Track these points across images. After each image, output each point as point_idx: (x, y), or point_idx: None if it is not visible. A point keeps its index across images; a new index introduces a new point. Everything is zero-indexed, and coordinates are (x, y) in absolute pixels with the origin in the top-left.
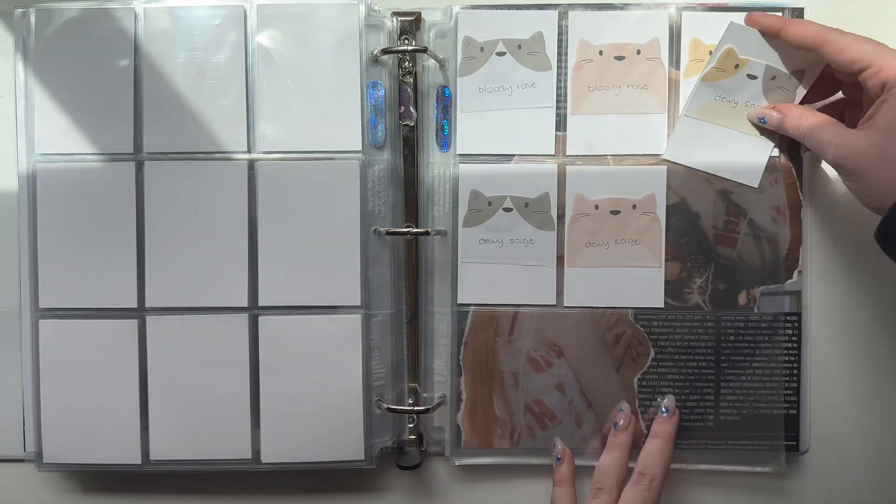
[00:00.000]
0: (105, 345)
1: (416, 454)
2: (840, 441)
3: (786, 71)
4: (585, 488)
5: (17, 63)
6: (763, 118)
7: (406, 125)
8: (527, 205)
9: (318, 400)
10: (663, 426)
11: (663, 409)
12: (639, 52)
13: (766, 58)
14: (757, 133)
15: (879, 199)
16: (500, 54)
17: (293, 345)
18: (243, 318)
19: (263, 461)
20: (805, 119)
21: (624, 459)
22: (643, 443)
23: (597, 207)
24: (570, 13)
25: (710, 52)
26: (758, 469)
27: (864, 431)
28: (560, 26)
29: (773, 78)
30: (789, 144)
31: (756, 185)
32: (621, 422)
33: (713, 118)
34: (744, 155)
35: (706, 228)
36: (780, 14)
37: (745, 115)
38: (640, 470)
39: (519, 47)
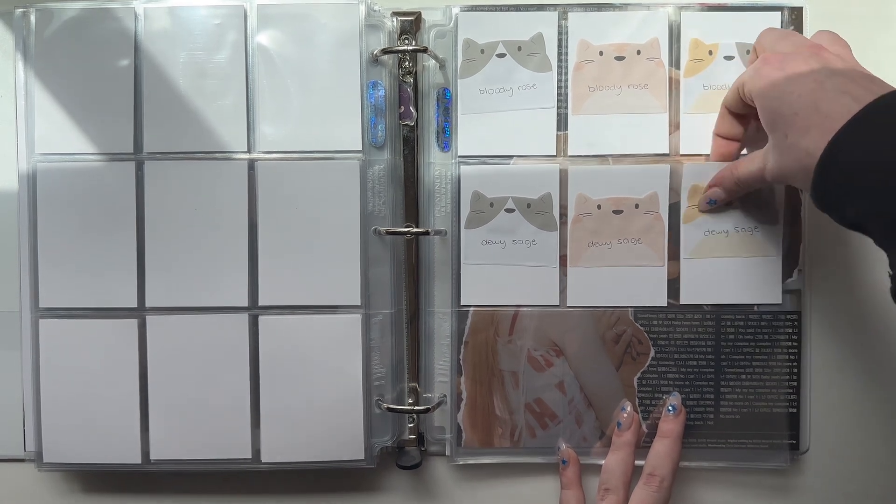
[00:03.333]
0: (105, 345)
1: (417, 454)
2: (840, 441)
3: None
4: (591, 488)
5: (17, 63)
6: (712, 200)
7: (406, 125)
8: (529, 205)
9: (318, 400)
10: (671, 425)
11: (670, 408)
12: (639, 52)
13: None
14: None
15: (803, 166)
16: (501, 56)
17: (293, 345)
18: (243, 318)
19: (263, 461)
20: (736, 169)
21: (630, 458)
22: (646, 444)
23: (599, 207)
24: (570, 14)
25: (710, 52)
26: (758, 468)
27: (864, 431)
28: (560, 27)
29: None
30: None
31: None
32: (624, 420)
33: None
34: None
35: None
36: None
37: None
38: (649, 471)
39: (519, 49)
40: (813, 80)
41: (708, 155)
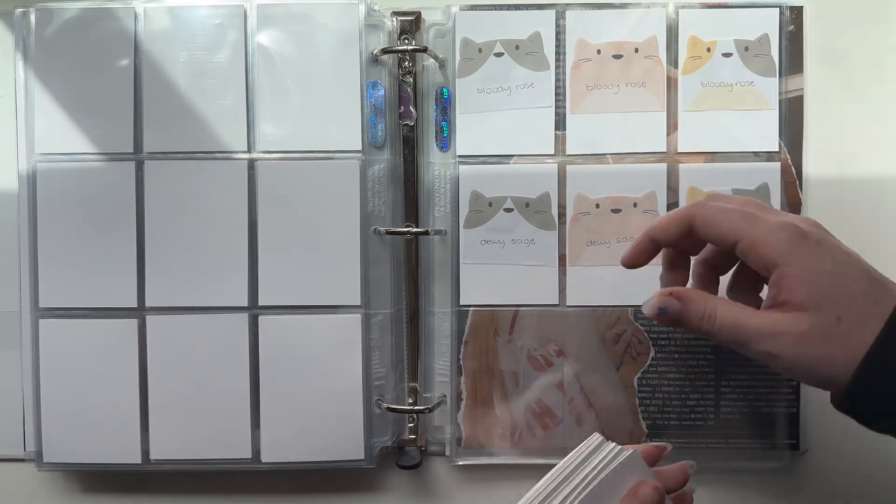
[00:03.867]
0: (105, 345)
1: (416, 454)
2: (840, 441)
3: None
4: None
5: (17, 63)
6: (664, 308)
7: (406, 125)
8: (527, 205)
9: (318, 400)
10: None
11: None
12: (637, 50)
13: None
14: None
15: (827, 378)
16: (499, 55)
17: (293, 345)
18: (243, 318)
19: (263, 461)
20: (713, 304)
21: None
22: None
23: (598, 206)
24: (568, 12)
25: (708, 49)
26: (758, 468)
27: (864, 431)
28: (558, 26)
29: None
30: (789, 141)
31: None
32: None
33: None
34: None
35: None
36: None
37: None
38: None
39: (517, 47)
40: (858, 266)
41: (707, 153)
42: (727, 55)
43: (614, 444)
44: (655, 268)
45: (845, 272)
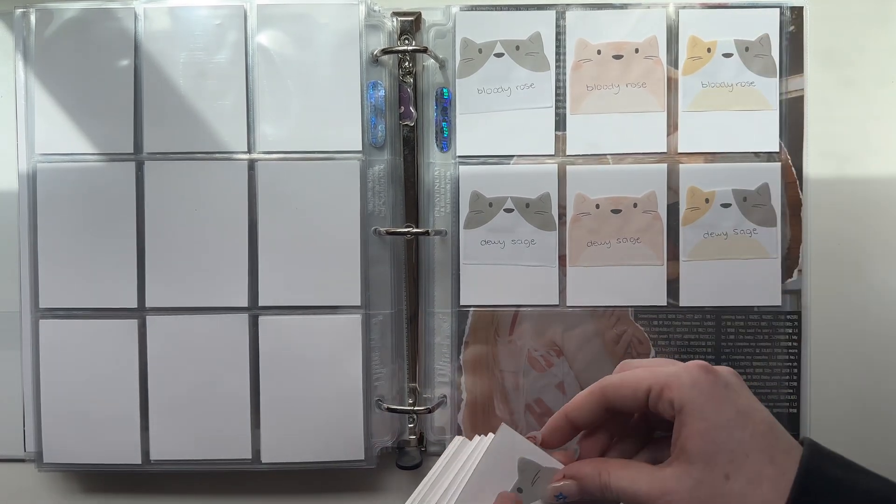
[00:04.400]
0: (105, 345)
1: (417, 454)
2: (840, 441)
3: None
4: None
5: (17, 63)
6: (560, 495)
7: (406, 125)
8: (528, 205)
9: (318, 400)
10: None
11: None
12: (637, 50)
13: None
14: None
15: None
16: (499, 55)
17: (293, 345)
18: (243, 318)
19: (263, 461)
20: (605, 474)
21: None
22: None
23: (598, 206)
24: (568, 13)
25: (708, 49)
26: None
27: (864, 431)
28: (558, 26)
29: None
30: (790, 141)
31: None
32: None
33: None
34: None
35: None
36: (777, 10)
37: None
38: None
39: (517, 48)
40: (762, 420)
41: (707, 154)
42: (727, 55)
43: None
44: (655, 267)
45: (745, 423)
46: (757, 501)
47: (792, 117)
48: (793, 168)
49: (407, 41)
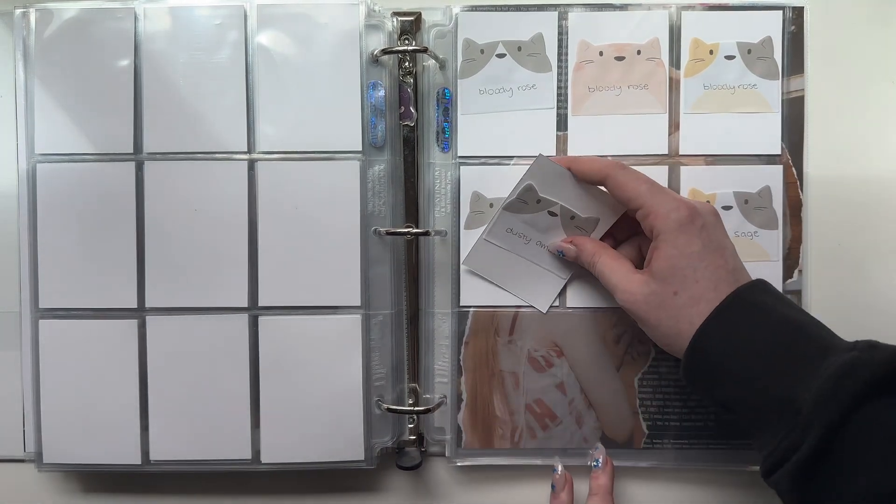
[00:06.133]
0: (105, 345)
1: (417, 454)
2: None
3: (582, 216)
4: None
5: (17, 63)
6: (561, 251)
7: (406, 125)
8: None
9: (318, 400)
10: (599, 481)
11: (595, 463)
12: (639, 52)
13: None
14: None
15: (666, 344)
16: (501, 56)
17: (293, 345)
18: (243, 318)
19: (263, 461)
20: (597, 257)
21: None
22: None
23: None
24: (570, 14)
25: (711, 51)
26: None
27: None
28: (560, 27)
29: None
30: (790, 141)
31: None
32: (557, 482)
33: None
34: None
35: None
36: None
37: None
38: None
39: (519, 49)
40: (721, 256)
41: (708, 156)
42: (730, 58)
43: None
44: None
45: (705, 257)
46: (692, 314)
47: (792, 117)
48: (793, 168)
49: (407, 41)
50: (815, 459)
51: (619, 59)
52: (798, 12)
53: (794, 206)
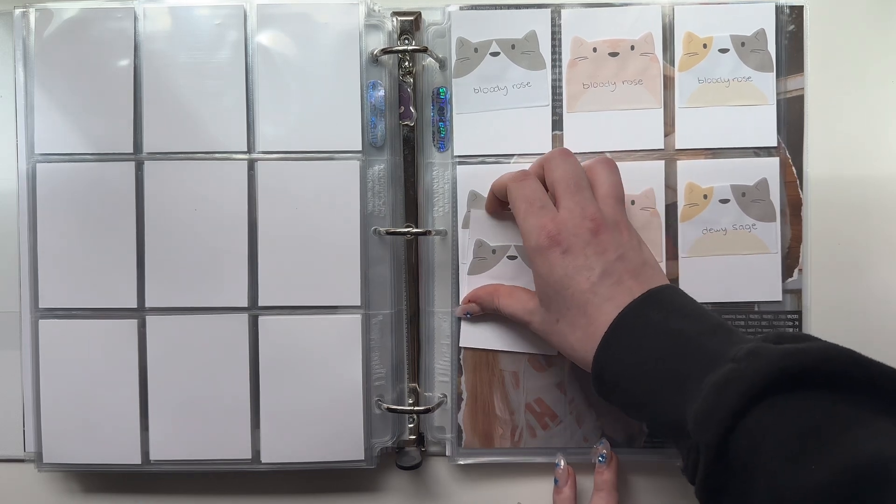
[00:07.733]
0: (105, 345)
1: (417, 454)
2: None
3: None
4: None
5: (17, 63)
6: (468, 313)
7: (406, 125)
8: None
9: (318, 400)
10: (603, 477)
11: (600, 458)
12: (633, 47)
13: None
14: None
15: (573, 357)
16: (494, 54)
17: (293, 345)
18: (243, 318)
19: (263, 461)
20: (496, 300)
21: None
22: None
23: None
24: (563, 11)
25: (704, 45)
26: None
27: None
28: (553, 24)
29: None
30: (789, 141)
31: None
32: (560, 477)
33: None
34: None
35: None
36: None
37: None
38: None
39: (513, 47)
40: (586, 279)
41: (706, 150)
42: (724, 51)
43: None
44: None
45: (568, 284)
46: (572, 340)
47: (792, 116)
48: (793, 167)
49: (407, 41)
50: (715, 476)
51: (613, 54)
52: (797, 11)
53: (793, 206)
